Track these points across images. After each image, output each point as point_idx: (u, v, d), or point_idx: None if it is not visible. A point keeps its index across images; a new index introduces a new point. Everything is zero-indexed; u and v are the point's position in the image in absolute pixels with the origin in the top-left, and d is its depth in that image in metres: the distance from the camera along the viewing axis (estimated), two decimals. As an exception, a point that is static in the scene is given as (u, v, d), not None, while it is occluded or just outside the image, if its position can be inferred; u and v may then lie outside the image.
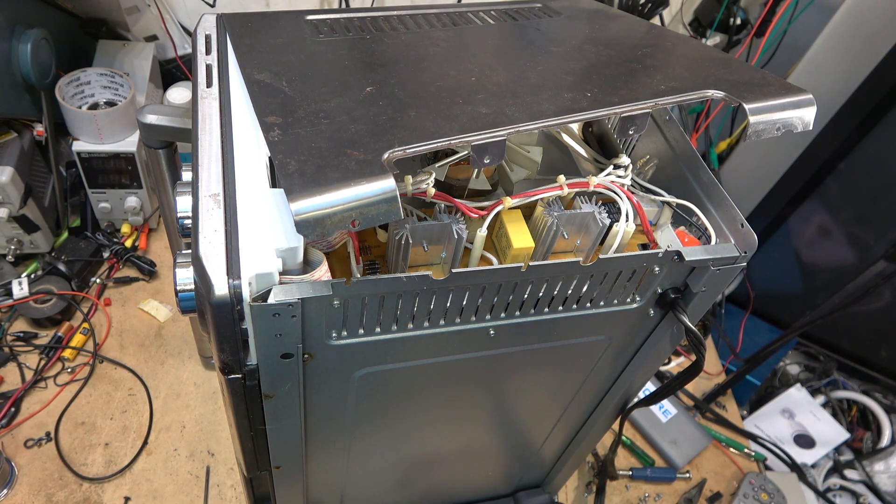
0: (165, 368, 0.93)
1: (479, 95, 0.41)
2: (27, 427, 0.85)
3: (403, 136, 0.36)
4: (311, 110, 0.39)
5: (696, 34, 1.21)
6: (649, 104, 0.41)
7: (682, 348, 1.10)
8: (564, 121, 0.39)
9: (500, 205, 0.44)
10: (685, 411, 1.00)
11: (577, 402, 0.59)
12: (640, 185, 0.51)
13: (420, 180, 0.42)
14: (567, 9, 0.59)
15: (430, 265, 0.44)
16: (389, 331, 0.42)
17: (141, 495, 0.81)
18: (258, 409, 0.43)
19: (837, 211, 1.15)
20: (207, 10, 1.13)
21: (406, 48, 0.49)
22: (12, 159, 0.89)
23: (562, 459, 0.71)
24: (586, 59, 0.48)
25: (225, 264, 0.35)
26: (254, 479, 0.54)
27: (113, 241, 1.05)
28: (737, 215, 0.45)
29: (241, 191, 0.39)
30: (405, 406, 0.52)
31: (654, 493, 0.92)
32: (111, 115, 0.94)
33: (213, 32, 0.52)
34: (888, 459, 1.18)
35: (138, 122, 0.58)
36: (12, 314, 0.94)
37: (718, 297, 1.22)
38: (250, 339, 0.37)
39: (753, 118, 0.41)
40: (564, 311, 0.45)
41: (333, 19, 0.53)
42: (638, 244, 0.50)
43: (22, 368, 0.90)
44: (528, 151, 0.52)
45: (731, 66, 0.46)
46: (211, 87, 0.46)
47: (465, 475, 0.71)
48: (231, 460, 0.85)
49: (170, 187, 0.65)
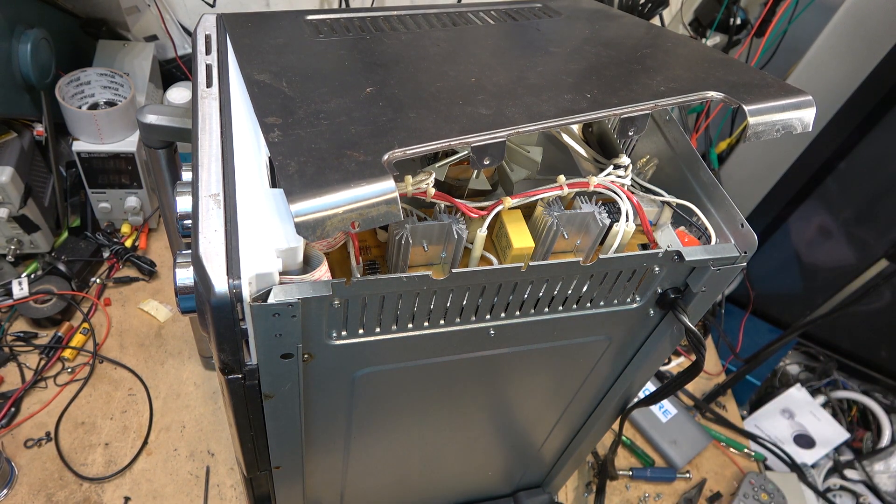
0: (165, 368, 0.93)
1: (478, 96, 0.41)
2: (27, 427, 0.85)
3: (403, 138, 0.36)
4: (311, 111, 0.39)
5: (696, 34, 1.21)
6: (649, 105, 0.41)
7: (682, 348, 1.10)
8: (564, 122, 0.39)
9: (500, 205, 0.44)
10: (685, 411, 1.00)
11: (577, 402, 0.59)
12: (640, 185, 0.51)
13: (420, 180, 0.42)
14: (567, 9, 0.59)
15: (430, 265, 0.45)
16: (389, 331, 0.42)
17: (141, 495, 0.81)
18: (258, 409, 0.43)
19: (837, 211, 1.15)
20: (207, 10, 1.13)
21: (406, 48, 0.49)
22: (12, 159, 0.89)
23: (562, 459, 0.71)
24: (586, 59, 0.48)
25: (225, 264, 0.35)
26: (254, 479, 0.54)
27: (113, 241, 1.05)
28: (737, 215, 0.45)
29: (241, 191, 0.39)
30: (405, 406, 0.52)
31: (654, 493, 0.92)
32: (111, 115, 0.94)
33: (213, 32, 0.52)
34: (888, 459, 1.18)
35: (138, 122, 0.58)
36: (12, 314, 0.94)
37: (718, 297, 1.22)
38: (250, 339, 0.37)
39: (753, 119, 0.41)
40: (564, 311, 0.45)
41: (333, 19, 0.53)
42: (638, 244, 0.50)
43: (22, 368, 0.90)
44: (528, 151, 0.52)
45: (730, 66, 0.46)
46: (211, 87, 0.46)
47: (464, 475, 0.71)
48: (231, 460, 0.86)
49: (170, 187, 0.65)
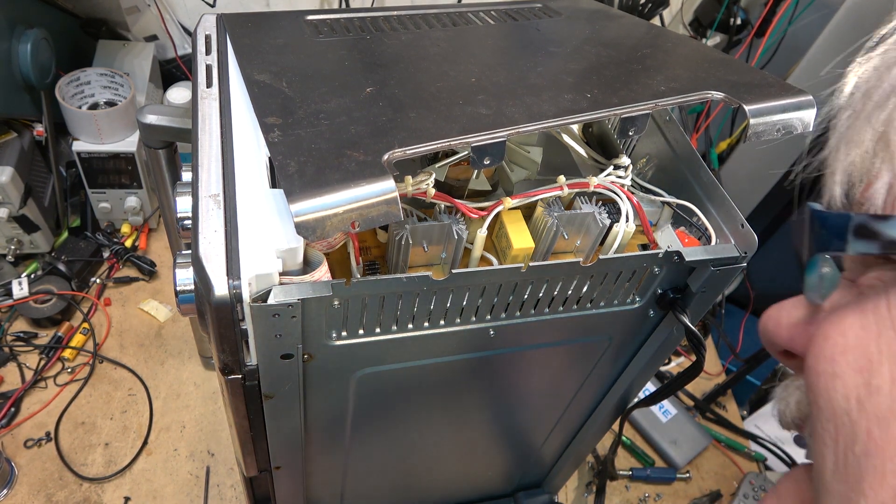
0: (165, 368, 0.93)
1: (479, 96, 0.41)
2: (27, 427, 0.85)
3: (403, 137, 0.36)
4: (310, 111, 0.39)
5: (696, 34, 1.21)
6: (649, 105, 0.41)
7: (682, 348, 1.10)
8: (564, 122, 0.39)
9: (500, 205, 0.44)
10: (685, 411, 1.00)
11: (577, 402, 0.59)
12: (640, 185, 0.51)
13: (420, 181, 0.42)
14: (567, 9, 0.59)
15: (430, 265, 0.45)
16: (389, 331, 0.42)
17: (141, 495, 0.81)
18: (258, 409, 0.43)
19: (837, 211, 1.15)
20: (207, 10, 1.13)
21: (406, 48, 0.49)
22: (12, 159, 0.89)
23: (562, 459, 0.71)
24: (586, 59, 0.48)
25: (225, 265, 0.35)
26: (254, 479, 0.54)
27: (113, 241, 1.05)
28: (737, 215, 0.45)
29: (241, 191, 0.39)
30: (405, 406, 0.52)
31: (653, 493, 0.92)
32: (111, 115, 0.94)
33: (213, 32, 0.52)
34: (888, 459, 1.18)
35: (138, 122, 0.58)
36: (12, 314, 0.94)
37: (718, 297, 1.22)
38: (250, 339, 0.37)
39: (753, 120, 0.40)
40: (564, 311, 0.45)
41: (333, 19, 0.53)
42: (638, 244, 0.50)
43: (22, 368, 0.90)
44: (528, 152, 0.52)
45: (731, 66, 0.46)
46: (211, 87, 0.46)
47: (464, 475, 0.71)
48: (231, 460, 0.85)
49: (170, 187, 0.65)
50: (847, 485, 0.18)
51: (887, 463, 0.17)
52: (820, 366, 0.20)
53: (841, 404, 0.19)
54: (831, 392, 0.19)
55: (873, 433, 0.18)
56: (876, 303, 0.19)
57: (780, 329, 0.23)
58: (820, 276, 0.21)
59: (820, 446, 0.20)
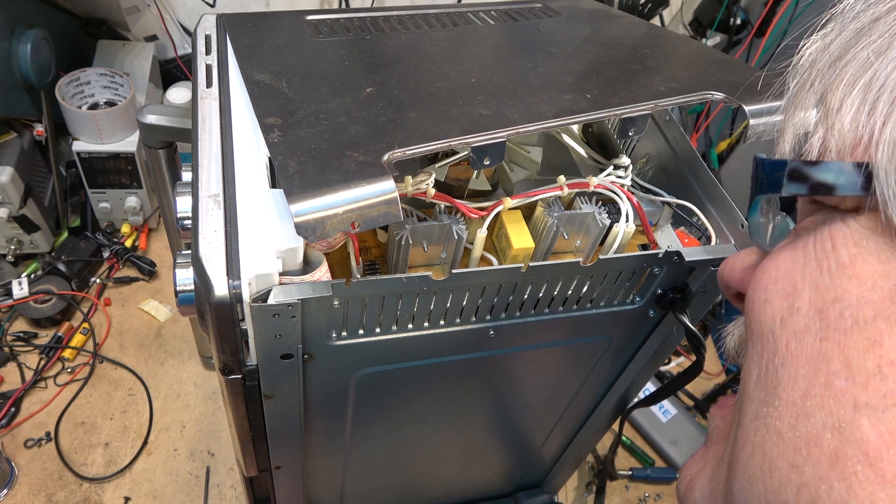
0: (165, 368, 0.94)
1: (479, 96, 0.41)
2: (27, 427, 0.85)
3: (403, 138, 0.36)
4: (310, 111, 0.39)
5: (696, 34, 1.21)
6: (649, 105, 0.41)
7: (682, 348, 1.09)
8: (564, 122, 0.39)
9: (500, 205, 0.44)
10: (685, 411, 1.00)
11: (577, 402, 0.59)
12: (640, 185, 0.51)
13: (420, 181, 0.42)
14: (567, 9, 0.59)
15: (430, 266, 0.45)
16: (389, 331, 0.42)
17: (141, 495, 0.81)
18: (258, 409, 0.43)
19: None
20: (207, 10, 1.13)
21: (406, 48, 0.49)
22: (12, 159, 0.89)
23: (562, 459, 0.71)
24: (586, 59, 0.48)
25: (225, 265, 0.35)
26: (254, 479, 0.54)
27: (113, 241, 1.05)
28: (737, 215, 0.45)
29: (241, 191, 0.39)
30: (405, 406, 0.52)
31: (653, 493, 0.92)
32: (111, 115, 0.94)
33: (213, 32, 0.52)
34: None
35: (138, 122, 0.58)
36: (12, 314, 0.94)
37: (718, 297, 1.22)
38: (250, 339, 0.37)
39: (753, 120, 0.41)
40: (564, 311, 0.45)
41: (333, 19, 0.53)
42: (638, 244, 0.50)
43: (22, 368, 0.90)
44: (528, 152, 0.52)
45: (731, 66, 0.46)
46: (211, 87, 0.46)
47: (464, 475, 0.71)
48: (231, 460, 0.86)
49: (170, 187, 0.65)
50: (766, 391, 0.21)
51: (799, 369, 0.20)
52: (755, 294, 0.22)
53: (768, 325, 0.21)
54: (762, 316, 0.22)
55: (790, 346, 0.20)
56: (805, 240, 0.21)
57: (735, 272, 0.26)
58: (772, 225, 0.24)
59: (748, 364, 0.22)
